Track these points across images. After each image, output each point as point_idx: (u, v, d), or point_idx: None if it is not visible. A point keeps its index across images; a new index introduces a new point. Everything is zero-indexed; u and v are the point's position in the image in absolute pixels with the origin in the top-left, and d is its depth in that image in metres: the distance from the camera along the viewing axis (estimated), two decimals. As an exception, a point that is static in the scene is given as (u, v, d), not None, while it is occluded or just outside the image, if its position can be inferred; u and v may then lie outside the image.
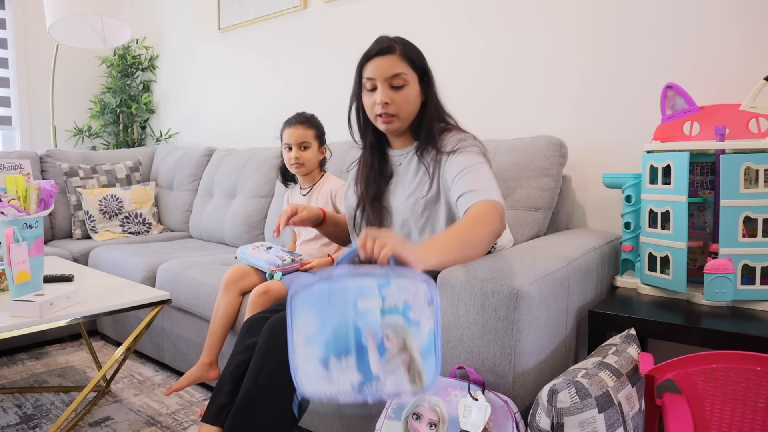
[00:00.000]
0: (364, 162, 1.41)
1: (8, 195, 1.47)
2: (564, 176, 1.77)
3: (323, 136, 1.86)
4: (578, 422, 0.92)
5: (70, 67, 3.67)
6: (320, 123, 1.86)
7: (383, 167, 1.38)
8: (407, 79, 1.26)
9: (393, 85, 1.25)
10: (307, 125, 1.79)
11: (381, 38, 1.28)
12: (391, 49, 1.25)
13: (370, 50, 1.27)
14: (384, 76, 1.24)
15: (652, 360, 1.05)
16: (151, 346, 2.15)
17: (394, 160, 1.38)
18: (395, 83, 1.25)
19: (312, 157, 1.80)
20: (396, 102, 1.26)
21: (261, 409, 1.05)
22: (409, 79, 1.26)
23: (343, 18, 2.50)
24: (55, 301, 1.40)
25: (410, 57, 1.27)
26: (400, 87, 1.25)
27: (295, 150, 1.78)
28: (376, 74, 1.25)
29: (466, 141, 1.25)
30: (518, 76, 1.96)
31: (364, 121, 1.36)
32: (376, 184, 1.37)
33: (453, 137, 1.27)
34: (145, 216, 2.88)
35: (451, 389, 1.09)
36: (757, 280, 1.27)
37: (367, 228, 0.97)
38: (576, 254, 1.36)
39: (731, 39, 1.54)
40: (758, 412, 0.92)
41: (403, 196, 1.33)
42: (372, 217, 1.37)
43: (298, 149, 1.78)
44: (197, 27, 3.31)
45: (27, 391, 1.92)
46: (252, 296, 1.55)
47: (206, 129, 3.32)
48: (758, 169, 1.25)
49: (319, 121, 1.86)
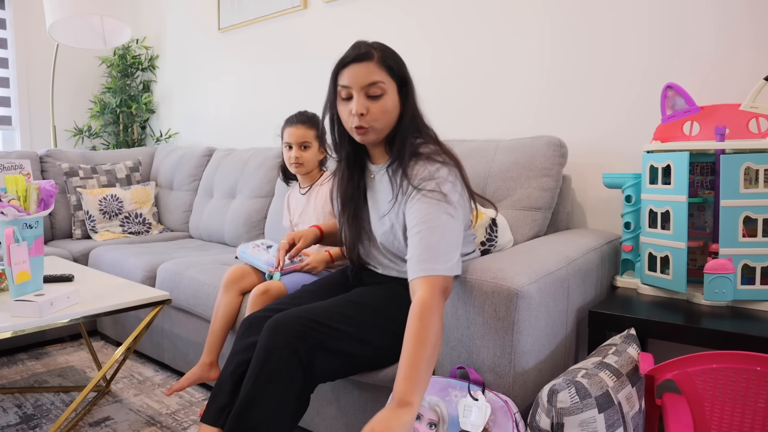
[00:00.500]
0: (340, 176, 1.33)
1: (8, 195, 1.47)
2: (564, 176, 1.77)
3: (324, 136, 1.85)
4: (578, 422, 0.92)
5: (70, 67, 3.67)
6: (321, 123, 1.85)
7: (361, 182, 1.30)
8: (385, 88, 1.17)
9: (369, 95, 1.16)
10: (309, 125, 1.78)
11: (358, 43, 1.19)
12: (368, 56, 1.16)
13: (345, 56, 1.18)
14: (360, 85, 1.16)
15: (652, 360, 1.05)
16: (151, 346, 2.15)
17: (369, 175, 1.30)
18: (372, 92, 1.16)
19: (312, 157, 1.79)
20: (372, 112, 1.17)
21: (261, 410, 1.05)
22: (387, 88, 1.17)
23: (343, 18, 2.51)
24: (55, 301, 1.40)
25: (389, 64, 1.18)
26: (377, 96, 1.17)
27: (296, 149, 1.77)
28: (351, 82, 1.16)
29: (430, 181, 1.13)
30: (518, 76, 1.96)
31: (339, 132, 1.28)
32: (354, 202, 1.30)
33: (421, 170, 1.16)
34: (145, 216, 2.88)
35: (451, 389, 1.09)
36: (757, 280, 1.27)
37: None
38: (576, 254, 1.36)
39: (731, 39, 1.54)
40: (758, 412, 0.92)
41: (377, 217, 1.27)
42: (350, 236, 1.32)
43: (298, 149, 1.77)
44: (197, 27, 3.31)
45: (27, 391, 1.92)
46: (252, 296, 1.55)
47: (206, 129, 3.33)
48: (758, 169, 1.25)
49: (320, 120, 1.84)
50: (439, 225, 1.10)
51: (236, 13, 3.00)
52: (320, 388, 1.45)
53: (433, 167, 1.15)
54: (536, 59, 1.91)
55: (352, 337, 1.15)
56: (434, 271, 1.06)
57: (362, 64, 1.16)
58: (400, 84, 1.20)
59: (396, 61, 1.20)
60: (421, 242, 1.09)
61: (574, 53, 1.83)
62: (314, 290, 1.39)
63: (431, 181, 1.13)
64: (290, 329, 1.09)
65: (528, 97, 1.94)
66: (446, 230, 1.10)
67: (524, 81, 1.95)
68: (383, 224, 1.25)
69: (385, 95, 1.17)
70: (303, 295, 1.37)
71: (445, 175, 1.15)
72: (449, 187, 1.14)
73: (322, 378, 1.13)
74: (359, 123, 1.17)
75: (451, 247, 1.10)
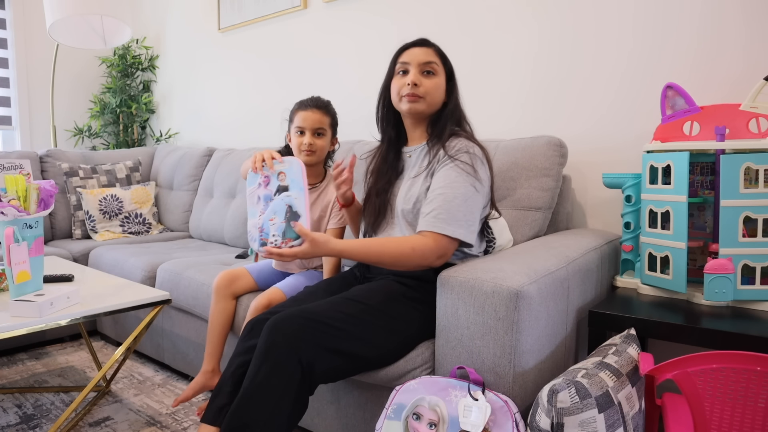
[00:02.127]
0: (380, 154, 1.46)
1: (8, 195, 1.47)
2: (564, 176, 1.77)
3: (336, 126, 1.73)
4: (578, 422, 0.92)
5: (70, 67, 3.67)
6: (335, 111, 1.73)
7: (396, 162, 1.43)
8: (437, 69, 1.34)
9: (425, 71, 1.33)
10: (324, 111, 1.65)
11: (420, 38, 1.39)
12: (427, 43, 1.36)
13: (408, 42, 1.37)
14: (418, 61, 1.32)
15: (652, 360, 1.05)
16: (151, 346, 2.15)
17: (406, 154, 1.42)
18: (427, 69, 1.33)
19: (325, 145, 1.66)
20: (425, 85, 1.32)
21: (258, 408, 1.05)
22: (439, 72, 1.34)
23: (343, 18, 2.51)
24: (55, 301, 1.40)
25: (443, 56, 1.37)
26: (431, 73, 1.33)
27: (309, 135, 1.62)
28: (410, 59, 1.33)
29: (466, 154, 1.26)
30: (518, 76, 1.96)
31: (386, 115, 1.43)
32: (386, 176, 1.41)
33: (459, 143, 1.29)
34: (145, 216, 2.88)
35: (451, 389, 1.09)
36: (757, 280, 1.27)
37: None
38: (576, 254, 1.36)
39: (731, 39, 1.54)
40: (758, 412, 0.92)
41: (405, 190, 1.35)
42: (375, 207, 1.41)
43: (311, 135, 1.62)
44: (197, 27, 3.31)
45: (27, 391, 1.92)
46: (252, 310, 1.54)
47: (206, 129, 3.33)
48: (758, 169, 1.25)
49: (334, 109, 1.73)
50: (463, 193, 1.23)
51: (236, 13, 3.00)
52: (320, 388, 1.45)
53: (470, 144, 1.29)
54: (535, 59, 1.91)
55: (353, 336, 1.15)
56: (444, 230, 1.19)
57: (422, 48, 1.35)
58: (448, 76, 1.38)
59: (447, 58, 1.39)
60: (442, 203, 1.21)
61: (573, 53, 1.83)
62: (314, 291, 1.39)
63: (466, 154, 1.26)
64: (290, 329, 1.09)
65: (528, 96, 1.94)
66: (467, 198, 1.23)
67: (524, 81, 1.95)
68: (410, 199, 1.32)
69: (437, 76, 1.34)
70: (303, 296, 1.37)
71: (479, 154, 1.29)
72: (480, 165, 1.27)
73: (323, 378, 1.13)
74: (412, 91, 1.31)
75: (468, 215, 1.22)
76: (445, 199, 1.21)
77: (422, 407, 1.10)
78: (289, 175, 1.22)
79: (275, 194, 1.22)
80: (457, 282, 1.15)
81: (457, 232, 1.19)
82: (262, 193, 1.23)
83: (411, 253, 1.17)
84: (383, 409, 1.24)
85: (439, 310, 1.18)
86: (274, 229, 1.19)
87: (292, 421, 1.08)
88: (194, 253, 2.35)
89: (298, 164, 1.22)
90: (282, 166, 1.23)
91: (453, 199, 1.21)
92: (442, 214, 1.20)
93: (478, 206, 1.26)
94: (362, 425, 1.36)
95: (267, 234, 1.20)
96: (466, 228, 1.21)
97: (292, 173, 1.21)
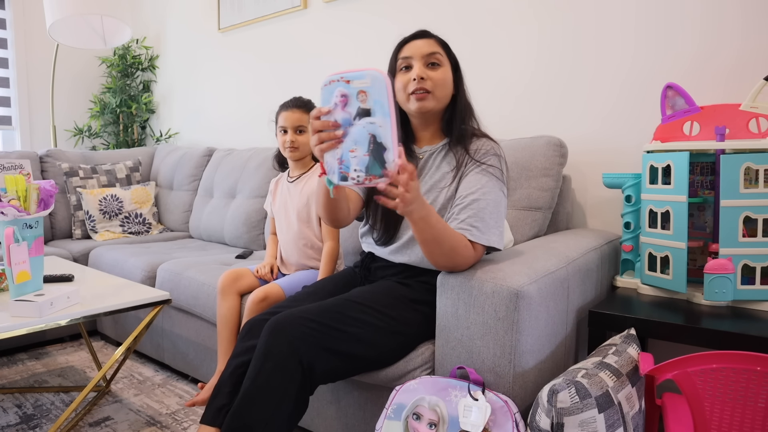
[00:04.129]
0: None
1: (8, 195, 1.47)
2: (564, 176, 1.77)
3: None
4: (578, 422, 0.92)
5: (70, 67, 3.67)
6: None
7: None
8: (442, 60, 1.25)
9: (430, 62, 1.24)
10: (304, 109, 1.76)
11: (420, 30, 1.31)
12: (428, 34, 1.28)
13: (407, 36, 1.28)
14: (421, 54, 1.24)
15: (652, 360, 1.05)
16: (151, 346, 2.15)
17: (418, 155, 1.34)
18: (432, 60, 1.24)
19: (307, 141, 1.77)
20: (432, 78, 1.23)
21: (259, 409, 1.05)
22: (444, 62, 1.26)
23: (343, 18, 2.51)
24: (55, 301, 1.40)
25: (445, 45, 1.29)
26: (436, 65, 1.24)
27: (291, 133, 1.74)
28: (412, 52, 1.24)
29: (494, 156, 1.23)
30: (518, 77, 1.96)
31: None
32: None
33: (484, 145, 1.25)
34: (145, 216, 2.88)
35: (451, 389, 1.09)
36: (757, 280, 1.27)
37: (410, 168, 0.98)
38: (576, 254, 1.36)
39: (731, 39, 1.54)
40: (758, 412, 0.92)
41: (424, 189, 1.31)
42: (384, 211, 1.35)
43: (293, 133, 1.74)
44: (197, 27, 3.31)
45: (27, 391, 1.92)
46: (250, 302, 1.54)
47: (206, 129, 3.32)
48: (758, 169, 1.25)
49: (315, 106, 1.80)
50: (494, 199, 1.20)
51: (236, 13, 3.00)
52: (320, 388, 1.45)
53: (495, 145, 1.26)
54: (535, 60, 1.91)
55: (353, 337, 1.15)
56: (480, 239, 1.16)
57: (423, 39, 1.26)
58: (454, 68, 1.29)
59: (451, 48, 1.31)
60: (477, 211, 1.17)
61: (573, 54, 1.83)
62: (314, 291, 1.39)
63: (493, 157, 1.24)
64: (290, 329, 1.09)
65: (527, 96, 1.94)
66: (498, 204, 1.20)
67: (523, 81, 1.95)
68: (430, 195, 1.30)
69: (443, 67, 1.25)
70: (303, 296, 1.37)
71: (504, 156, 1.27)
72: (505, 167, 1.26)
73: (323, 379, 1.12)
74: (419, 86, 1.22)
75: (498, 221, 1.20)
76: (480, 206, 1.18)
77: (422, 407, 1.10)
78: (371, 95, 0.96)
79: (355, 118, 0.98)
80: (457, 282, 1.15)
81: (492, 240, 1.17)
82: (339, 116, 0.99)
83: (462, 250, 1.12)
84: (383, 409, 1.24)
85: (439, 310, 1.18)
86: (356, 162, 0.98)
87: (292, 422, 1.08)
88: (194, 253, 2.35)
89: (382, 79, 0.95)
90: (361, 83, 0.97)
91: (486, 207, 1.18)
92: (477, 222, 1.16)
93: (505, 210, 1.24)
94: (362, 425, 1.36)
95: (347, 167, 0.99)
96: (498, 235, 1.19)
97: (374, 92, 0.95)
